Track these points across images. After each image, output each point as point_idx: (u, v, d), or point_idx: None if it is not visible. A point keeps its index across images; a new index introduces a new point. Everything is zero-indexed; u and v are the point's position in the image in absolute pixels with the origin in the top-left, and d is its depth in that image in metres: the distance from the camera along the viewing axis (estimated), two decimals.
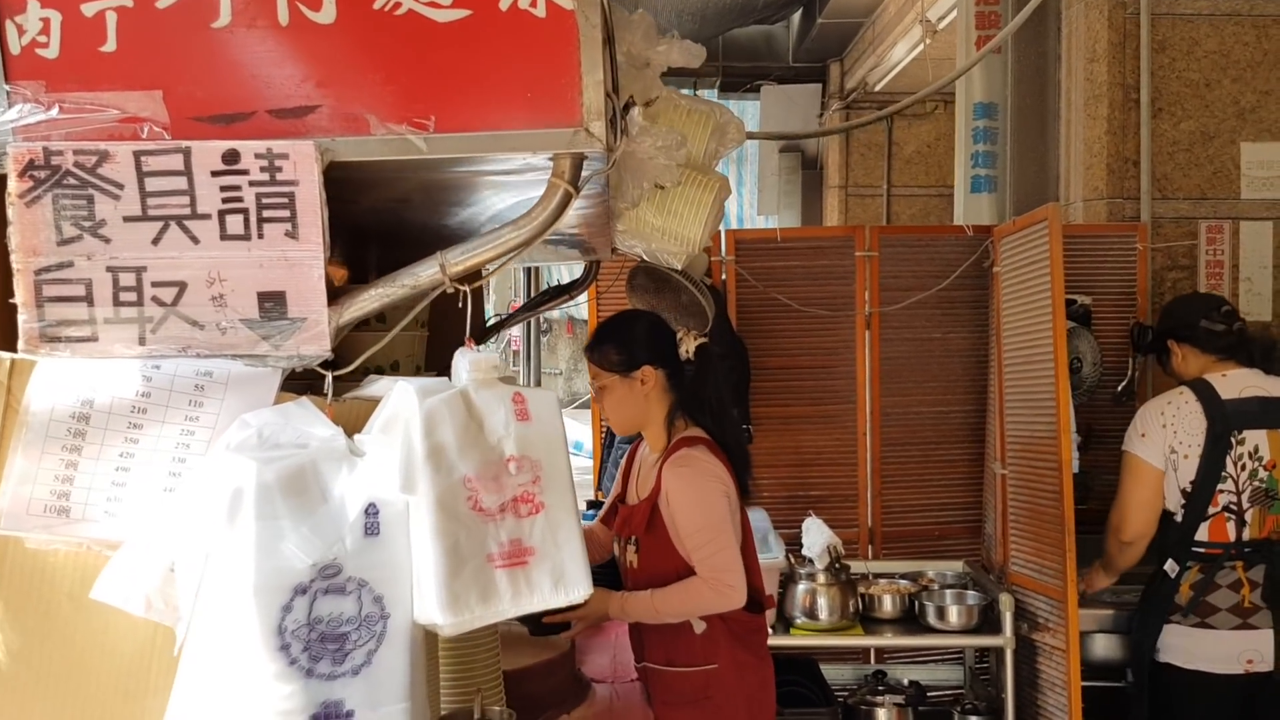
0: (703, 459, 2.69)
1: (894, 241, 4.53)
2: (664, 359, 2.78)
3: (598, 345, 2.79)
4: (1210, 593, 3.30)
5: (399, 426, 1.50)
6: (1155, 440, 3.38)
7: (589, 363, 2.81)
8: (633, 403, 2.75)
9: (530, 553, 1.53)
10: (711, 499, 2.65)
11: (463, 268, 1.58)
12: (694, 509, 2.64)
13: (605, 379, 2.75)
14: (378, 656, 1.45)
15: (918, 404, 4.59)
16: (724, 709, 2.71)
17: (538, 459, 1.56)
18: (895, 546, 4.59)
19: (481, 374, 1.56)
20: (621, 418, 2.80)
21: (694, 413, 2.80)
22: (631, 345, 2.76)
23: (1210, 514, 3.31)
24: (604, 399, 2.77)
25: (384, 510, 1.48)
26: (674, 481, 2.66)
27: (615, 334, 2.81)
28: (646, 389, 2.74)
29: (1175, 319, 3.56)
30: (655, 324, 2.89)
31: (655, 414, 2.78)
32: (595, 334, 2.87)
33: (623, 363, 2.73)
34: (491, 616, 1.49)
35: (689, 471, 2.67)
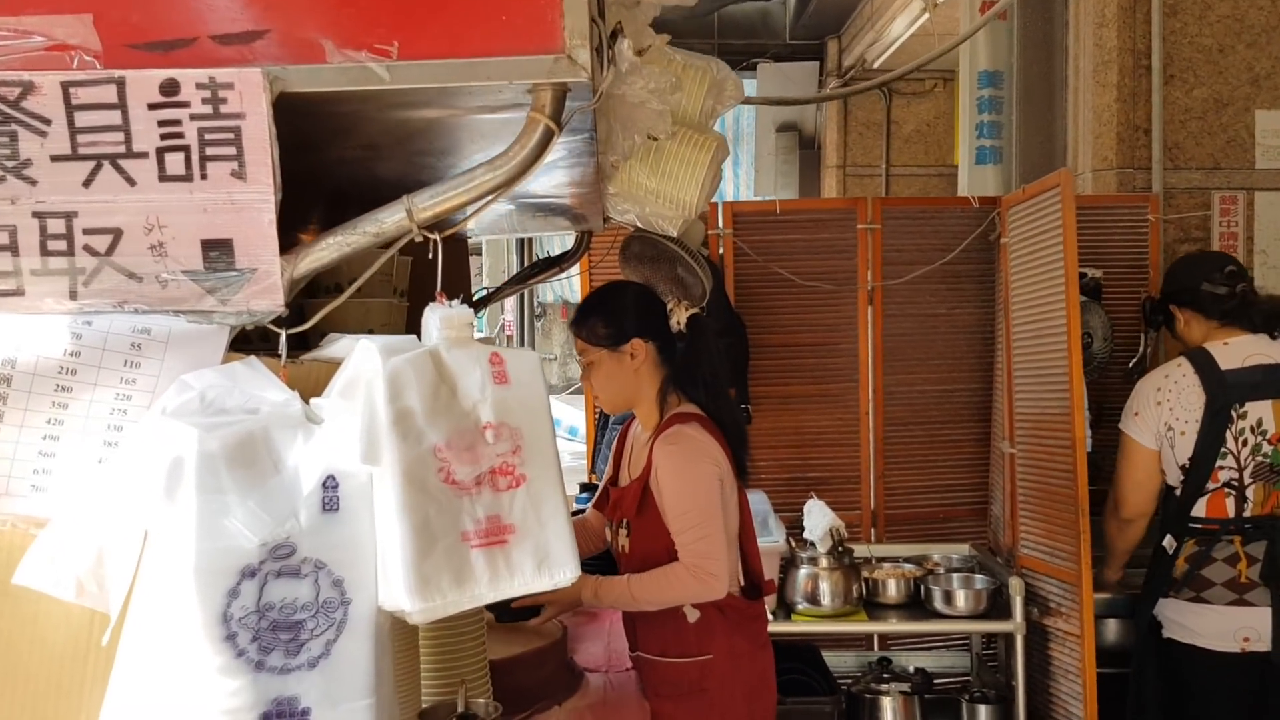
0: (695, 437, 2.53)
1: (897, 214, 4.36)
2: (654, 331, 2.63)
3: (584, 318, 2.63)
4: (1205, 566, 3.16)
5: (360, 390, 1.33)
6: (1148, 419, 3.25)
7: (575, 338, 2.66)
8: (622, 378, 2.60)
9: (510, 530, 1.37)
10: (701, 480, 2.50)
11: (432, 213, 1.42)
12: (682, 490, 2.49)
13: (593, 354, 2.59)
14: (337, 647, 1.29)
15: (922, 382, 4.43)
16: (720, 701, 2.56)
17: (517, 426, 1.40)
18: (899, 529, 4.44)
19: (454, 331, 1.40)
20: (611, 394, 2.64)
21: (687, 388, 2.65)
22: (619, 317, 2.61)
23: (1209, 490, 3.17)
24: (592, 375, 2.62)
25: (344, 483, 1.32)
26: (664, 460, 2.51)
27: (602, 306, 2.65)
28: (636, 363, 2.59)
29: (1176, 282, 3.40)
30: (644, 294, 2.73)
31: (646, 390, 2.63)
32: (581, 307, 2.71)
33: (610, 336, 2.58)
34: (467, 601, 1.33)
35: (679, 450, 2.51)
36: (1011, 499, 3.95)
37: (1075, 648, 3.53)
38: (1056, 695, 3.67)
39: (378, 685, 1.31)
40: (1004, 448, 4.02)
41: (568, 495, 1.44)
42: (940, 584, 3.78)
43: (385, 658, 1.34)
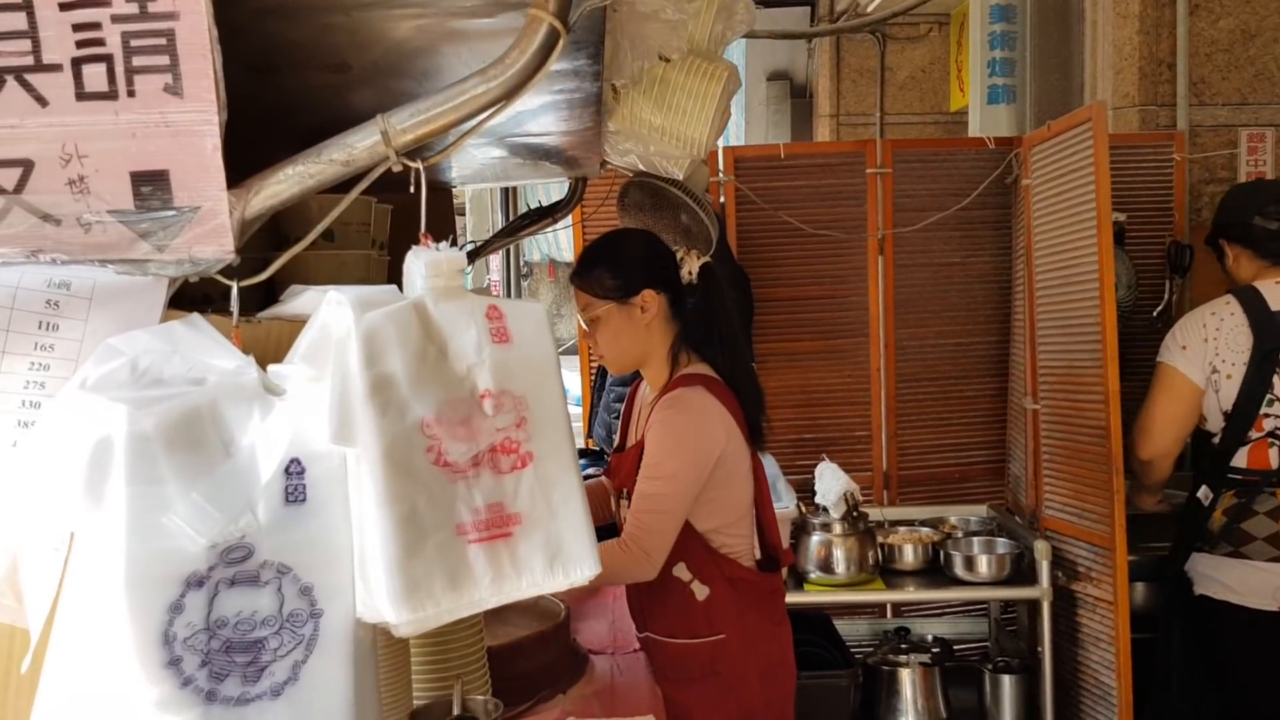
0: (697, 402, 2.30)
1: (908, 157, 4.10)
2: (666, 282, 2.39)
3: (588, 268, 2.38)
4: (1245, 520, 2.97)
5: (329, 353, 1.08)
6: (1196, 354, 3.01)
7: (577, 291, 2.40)
8: (632, 334, 2.36)
9: (515, 520, 1.13)
10: (688, 454, 2.27)
11: (413, 136, 1.16)
12: (662, 456, 2.26)
13: (599, 308, 2.35)
14: (307, 670, 1.05)
15: (936, 335, 4.19)
16: (734, 684, 2.36)
17: (522, 394, 1.15)
18: (912, 491, 4.23)
19: (443, 280, 1.15)
20: (619, 353, 2.40)
21: (700, 345, 2.41)
22: (628, 267, 2.36)
23: (1252, 439, 2.97)
24: (598, 332, 2.37)
25: (312, 468, 1.08)
26: (658, 423, 2.29)
27: (608, 255, 2.40)
28: (647, 317, 2.35)
29: (1228, 214, 3.16)
30: (653, 242, 2.48)
31: (657, 347, 2.39)
32: (584, 256, 2.45)
33: (619, 287, 2.34)
34: (464, 608, 1.09)
35: (674, 415, 2.29)
36: (1034, 457, 3.73)
37: (1107, 614, 3.33)
38: (1086, 664, 3.47)
39: (358, 714, 1.07)
40: (1026, 403, 3.79)
41: None
42: (961, 549, 3.57)
43: (367, 680, 1.10)
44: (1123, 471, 3.21)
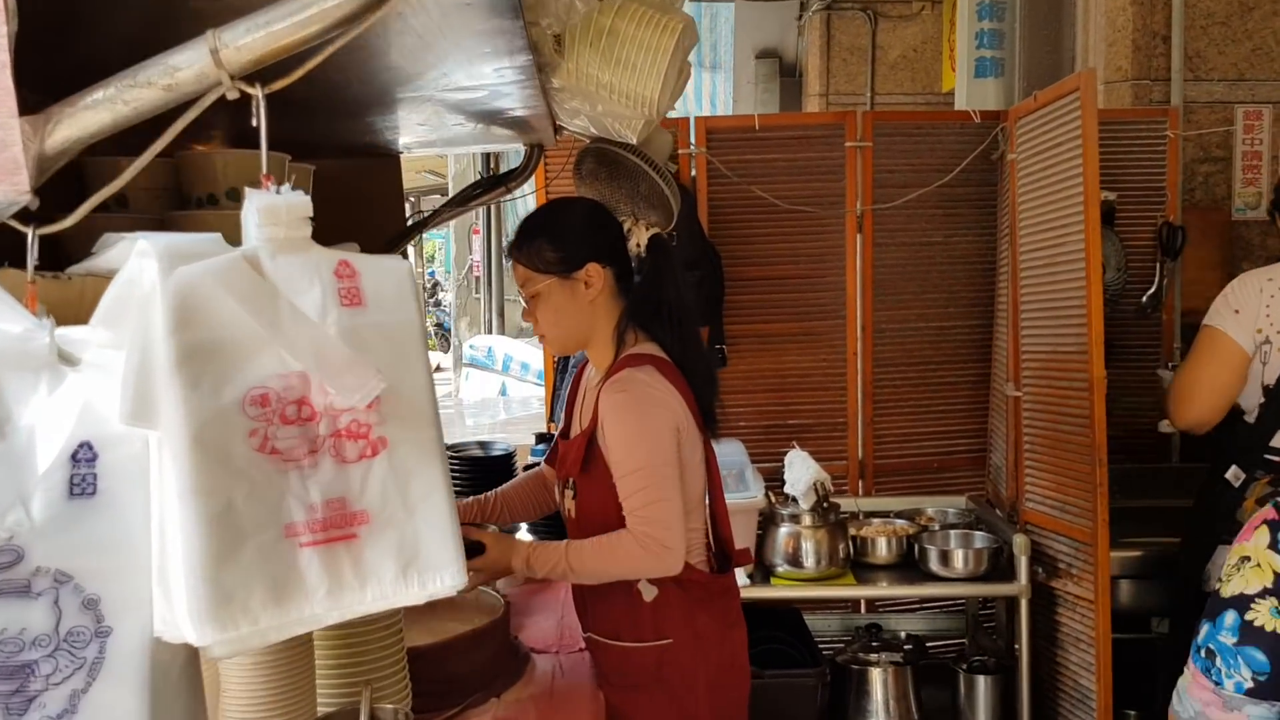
0: (647, 381, 2.11)
1: (890, 130, 3.90)
2: (611, 254, 2.20)
3: (525, 240, 2.18)
4: None
5: (131, 315, 0.89)
6: (1248, 320, 2.73)
7: (516, 265, 2.21)
8: (575, 312, 2.17)
9: (362, 519, 0.94)
10: (653, 433, 2.08)
11: (251, 56, 0.96)
12: (630, 444, 2.07)
13: (539, 283, 2.15)
14: (89, 702, 0.86)
15: (915, 318, 4.00)
16: (680, 692, 2.17)
17: (376, 369, 0.96)
18: (889, 481, 4.04)
19: (283, 230, 0.95)
20: (561, 332, 2.21)
21: (647, 323, 2.22)
22: (571, 238, 2.17)
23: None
24: (538, 308, 2.18)
25: (106, 454, 0.89)
26: (610, 410, 2.09)
27: (549, 225, 2.21)
28: (591, 293, 2.16)
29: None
30: (597, 211, 2.29)
31: (601, 325, 2.20)
32: (523, 226, 2.25)
33: (561, 260, 2.14)
34: (292, 625, 0.90)
35: (627, 398, 2.09)
36: (1015, 447, 3.55)
37: (1088, 613, 3.16)
38: (1065, 664, 3.30)
39: None
40: (1007, 390, 3.61)
41: (447, 462, 1.00)
42: (936, 543, 3.39)
43: (169, 714, 0.91)
44: (1105, 463, 3.02)
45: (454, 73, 1.87)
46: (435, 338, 18.87)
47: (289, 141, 2.63)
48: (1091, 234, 2.98)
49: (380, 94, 2.04)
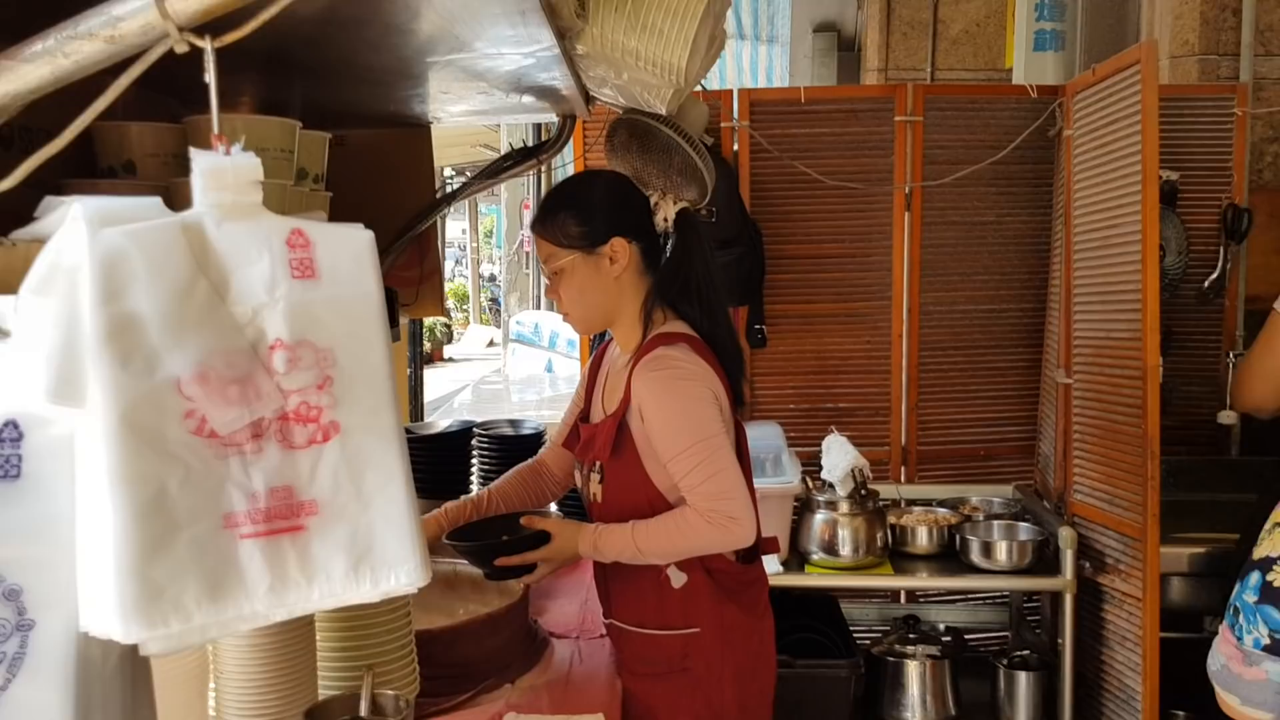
0: (682, 360, 2.03)
1: (942, 104, 3.75)
2: (637, 229, 2.11)
3: (549, 214, 2.09)
4: None
5: (60, 284, 0.82)
6: None
7: (539, 240, 2.12)
8: (600, 289, 2.08)
9: (310, 510, 0.87)
10: (697, 407, 2.00)
11: (201, 6, 0.89)
12: (678, 422, 1.99)
13: (562, 258, 2.07)
14: (9, 700, 0.80)
15: (964, 300, 3.86)
16: (704, 682, 2.10)
17: (328, 347, 0.89)
18: (933, 468, 3.92)
19: (230, 194, 0.88)
20: (585, 309, 2.12)
21: (678, 301, 2.13)
22: (595, 211, 2.08)
23: None
24: (562, 285, 2.09)
25: (33, 435, 0.83)
26: (647, 390, 2.01)
27: (572, 198, 2.12)
28: (617, 269, 2.07)
29: None
30: (622, 184, 2.20)
31: (628, 303, 2.12)
32: (546, 200, 2.17)
33: (586, 235, 2.06)
34: (231, 623, 0.84)
35: (665, 376, 2.01)
36: (1064, 436, 3.41)
37: (1134, 611, 3.03)
38: (1110, 663, 3.17)
39: None
40: (1058, 377, 3.47)
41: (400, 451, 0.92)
42: (978, 534, 3.28)
43: (102, 711, 0.85)
44: (1158, 455, 2.89)
45: (466, 35, 1.80)
46: (489, 313, 18.95)
47: (314, 110, 2.57)
48: (1149, 214, 2.83)
49: (396, 59, 1.97)
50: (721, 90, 3.74)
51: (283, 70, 2.04)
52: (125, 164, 1.77)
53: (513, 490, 2.38)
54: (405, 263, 3.01)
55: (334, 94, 2.37)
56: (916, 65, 9.01)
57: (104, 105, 0.90)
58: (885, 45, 8.99)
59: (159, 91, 1.96)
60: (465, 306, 18.72)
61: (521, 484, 2.39)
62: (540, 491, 2.41)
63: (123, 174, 1.76)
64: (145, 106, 1.91)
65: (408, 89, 2.37)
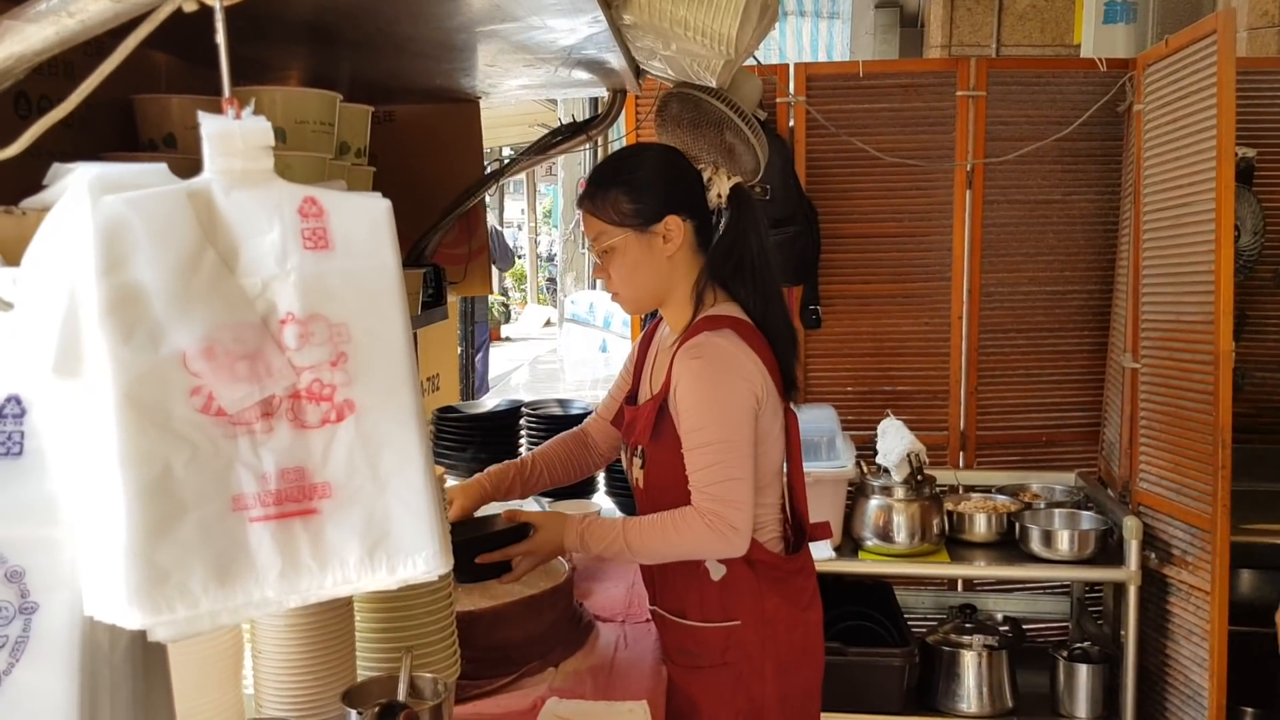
0: (726, 346, 1.95)
1: (1006, 78, 3.63)
2: (691, 206, 2.04)
3: (602, 189, 2.03)
4: None
5: (61, 254, 0.79)
6: None
7: (588, 216, 2.05)
8: (651, 267, 2.02)
9: (322, 492, 0.83)
10: (729, 405, 1.93)
11: None
12: (704, 415, 1.92)
13: (614, 236, 2.01)
14: (11, 684, 0.77)
15: (1027, 281, 3.75)
16: (746, 675, 2.05)
17: (343, 321, 0.85)
18: (992, 454, 3.81)
19: (240, 161, 0.84)
20: (636, 289, 2.06)
21: (729, 280, 2.06)
22: (649, 189, 2.01)
23: None
24: (612, 264, 2.03)
25: (37, 411, 0.79)
26: (685, 376, 1.95)
27: (626, 174, 2.04)
28: (670, 248, 2.01)
29: None
30: (675, 159, 2.12)
31: (680, 282, 2.05)
32: (596, 175, 2.10)
33: (639, 212, 1.99)
34: (241, 609, 0.80)
35: (704, 365, 1.94)
36: (1130, 423, 3.30)
37: (1202, 604, 2.92)
38: (1174, 657, 3.07)
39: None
40: (1125, 361, 3.35)
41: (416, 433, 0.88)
42: (1039, 522, 3.19)
43: (108, 699, 0.81)
44: (1229, 444, 2.77)
45: (510, 5, 1.75)
46: (546, 292, 18.98)
47: (362, 84, 2.55)
48: (1223, 193, 2.71)
49: (439, 30, 1.93)
50: (778, 65, 3.66)
51: (327, 43, 2.01)
52: (166, 137, 1.75)
53: (557, 456, 2.34)
54: (453, 240, 2.98)
55: (382, 67, 2.34)
56: (981, 41, 8.82)
57: (111, 67, 0.86)
58: (949, 20, 8.80)
59: (202, 65, 1.94)
60: (523, 286, 18.77)
61: (566, 451, 2.35)
62: (584, 461, 2.37)
63: (163, 147, 1.74)
64: (189, 80, 1.89)
65: (453, 62, 2.33)
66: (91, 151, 1.53)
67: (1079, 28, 7.96)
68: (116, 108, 1.70)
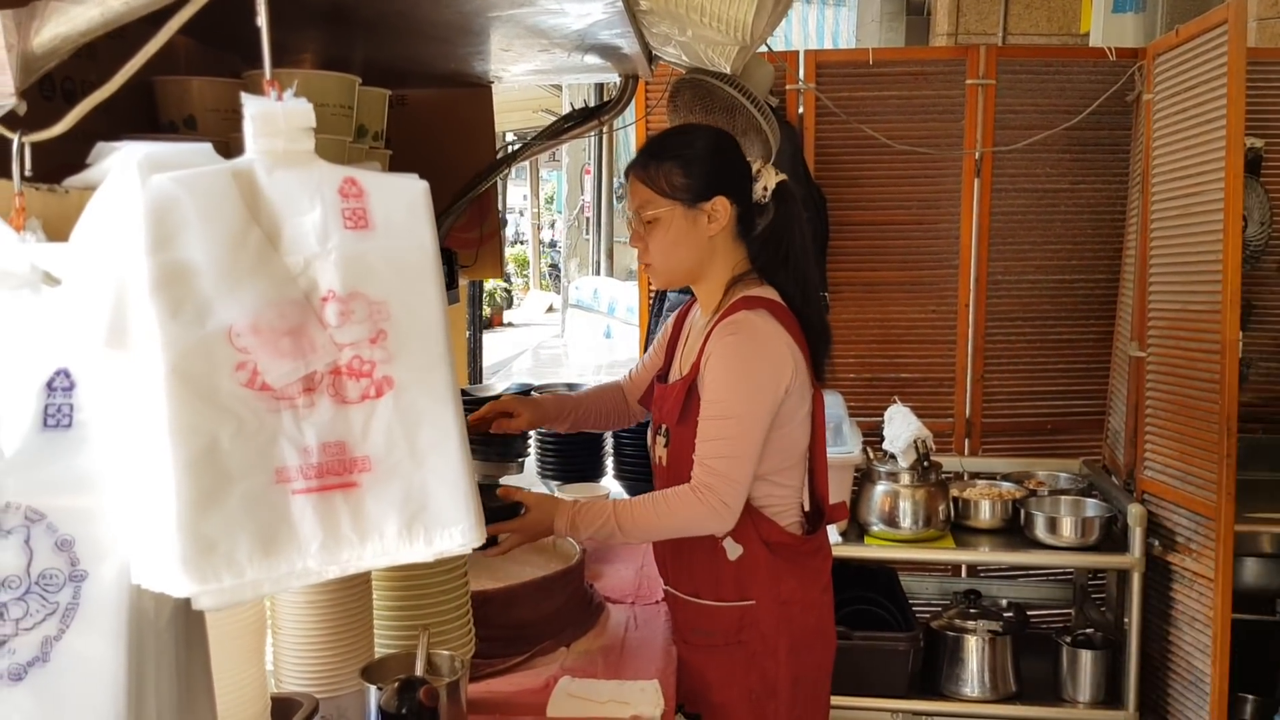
0: (762, 326, 1.97)
1: (1015, 67, 3.64)
2: (739, 192, 2.05)
3: (655, 160, 2.04)
4: None
5: (110, 230, 0.81)
6: None
7: (636, 183, 2.06)
8: (692, 244, 2.03)
9: (363, 466, 0.85)
10: (756, 385, 1.95)
11: None
12: (728, 389, 1.94)
13: (660, 208, 2.02)
14: (62, 649, 0.79)
15: (1034, 270, 3.76)
16: (759, 656, 2.07)
17: (382, 299, 0.87)
18: (997, 441, 3.84)
19: (283, 141, 0.85)
20: (673, 263, 2.06)
21: (768, 269, 2.08)
22: (704, 166, 2.02)
23: None
24: (653, 235, 2.04)
25: (84, 384, 0.81)
26: (718, 350, 1.97)
27: (681, 149, 2.05)
28: (714, 228, 2.03)
29: None
30: (730, 144, 2.12)
31: (716, 264, 2.07)
32: (650, 146, 2.10)
33: (690, 188, 2.01)
34: (283, 579, 0.82)
35: (739, 341, 1.95)
36: (1137, 411, 3.32)
37: (1206, 591, 2.94)
38: (1177, 644, 3.09)
39: (137, 708, 0.82)
40: (1131, 350, 3.37)
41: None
42: (1044, 509, 3.21)
43: (153, 665, 0.84)
44: (1235, 433, 2.79)
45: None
46: (548, 278, 18.98)
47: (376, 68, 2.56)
48: (1232, 182, 2.73)
49: (456, 14, 1.95)
50: (787, 52, 3.67)
51: (344, 26, 2.02)
52: (186, 119, 1.76)
53: (603, 404, 2.43)
54: (465, 224, 2.99)
55: (396, 51, 2.35)
56: (988, 30, 8.80)
57: (155, 48, 0.88)
58: (956, 9, 8.78)
59: (221, 48, 1.95)
60: (525, 272, 18.77)
61: (611, 401, 2.44)
62: (624, 412, 2.45)
63: (183, 129, 1.76)
64: (207, 63, 1.91)
65: (469, 46, 2.34)
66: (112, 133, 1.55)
67: (1085, 17, 7.96)
68: (136, 89, 1.71)
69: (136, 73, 1.48)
